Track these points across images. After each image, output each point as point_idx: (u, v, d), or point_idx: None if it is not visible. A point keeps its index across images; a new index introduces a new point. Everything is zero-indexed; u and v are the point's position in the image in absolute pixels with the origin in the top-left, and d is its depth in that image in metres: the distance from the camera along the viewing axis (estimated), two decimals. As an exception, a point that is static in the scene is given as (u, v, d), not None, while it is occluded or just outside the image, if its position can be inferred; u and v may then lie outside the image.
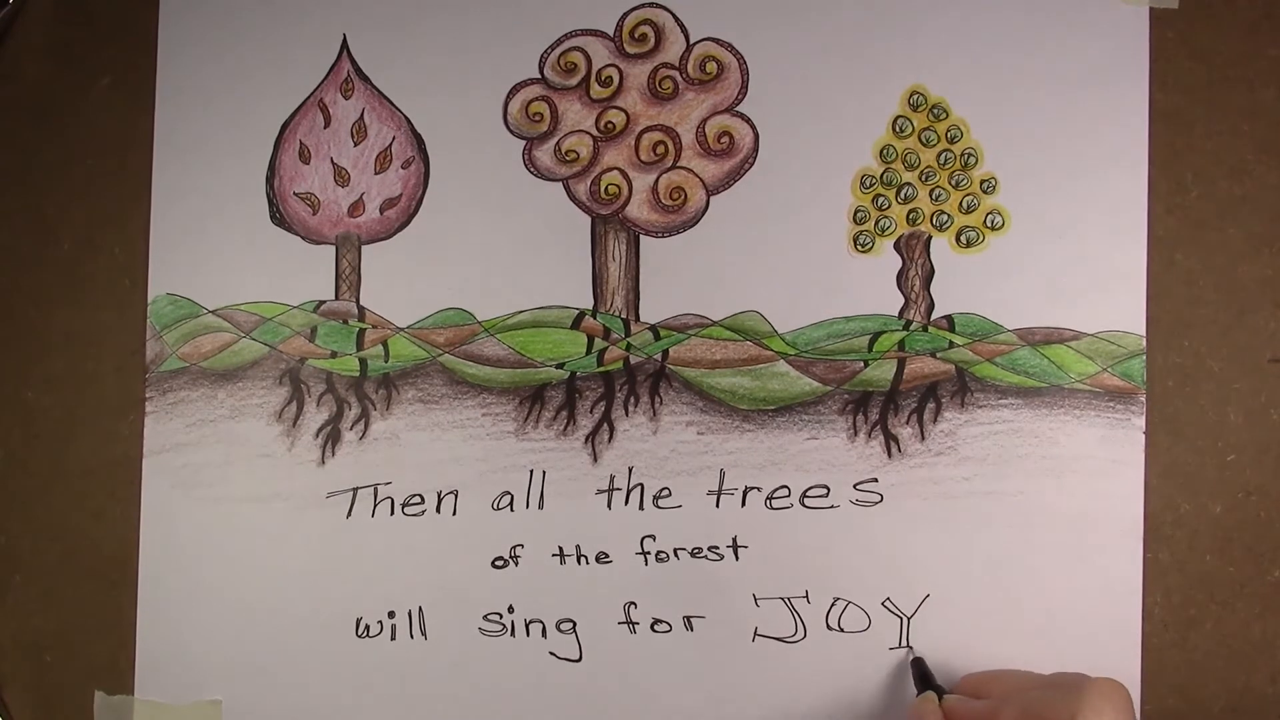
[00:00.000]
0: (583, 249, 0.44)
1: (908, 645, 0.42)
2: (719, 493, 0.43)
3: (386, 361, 0.45)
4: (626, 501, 0.44)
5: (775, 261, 0.43)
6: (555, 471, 0.44)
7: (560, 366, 0.44)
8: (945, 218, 0.43)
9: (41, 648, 0.47)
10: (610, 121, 0.45)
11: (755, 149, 0.44)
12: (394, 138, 0.46)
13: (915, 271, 0.43)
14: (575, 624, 0.44)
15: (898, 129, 0.43)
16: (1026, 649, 0.42)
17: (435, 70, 0.45)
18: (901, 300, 0.43)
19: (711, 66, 0.44)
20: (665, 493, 0.44)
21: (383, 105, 0.46)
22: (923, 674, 0.41)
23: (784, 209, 0.44)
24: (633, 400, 0.44)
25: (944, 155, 0.43)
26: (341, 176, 0.46)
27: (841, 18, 0.44)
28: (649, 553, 0.44)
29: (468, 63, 0.45)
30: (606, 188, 0.44)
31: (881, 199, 0.43)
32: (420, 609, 0.45)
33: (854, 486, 0.43)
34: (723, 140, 0.44)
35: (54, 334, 0.48)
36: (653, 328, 0.44)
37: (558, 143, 0.45)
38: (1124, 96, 0.42)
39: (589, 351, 0.44)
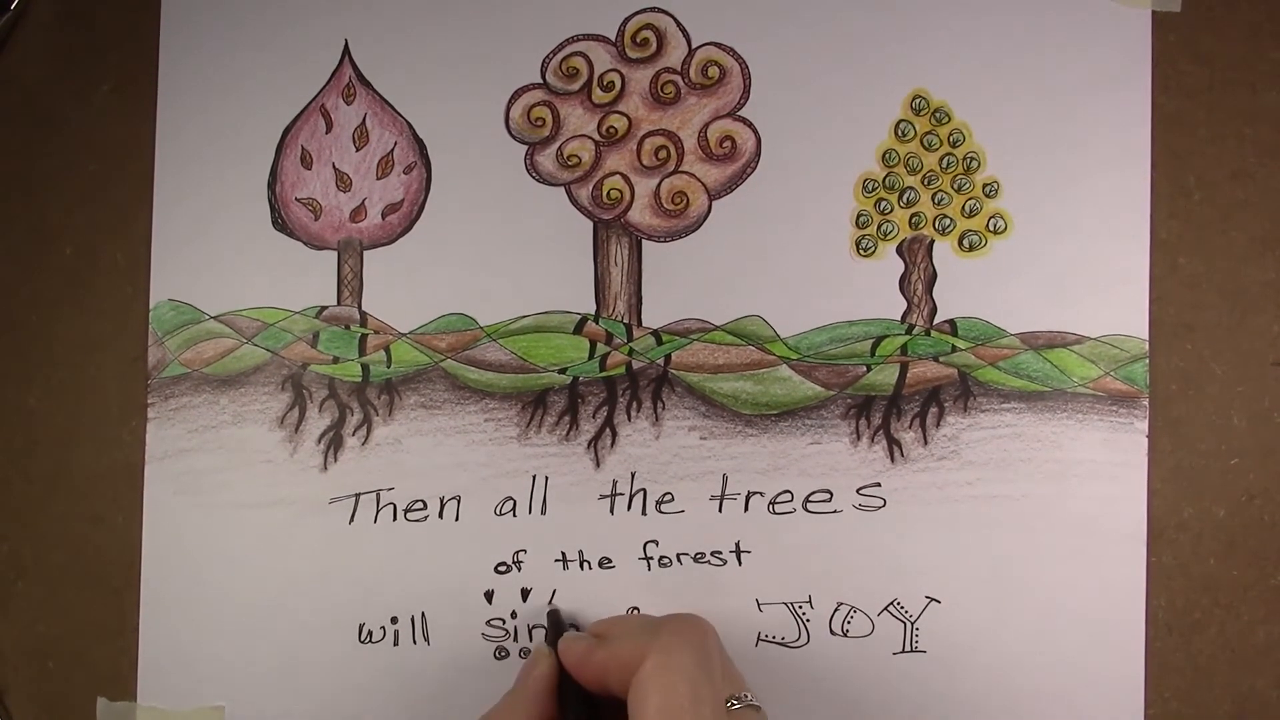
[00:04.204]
0: (585, 254, 0.44)
1: (551, 604, 0.43)
2: (721, 497, 0.43)
3: (389, 367, 0.45)
4: (629, 507, 0.44)
5: (777, 266, 0.43)
6: (558, 477, 0.44)
7: (563, 372, 0.44)
8: (948, 221, 0.43)
9: (44, 654, 0.47)
10: (612, 126, 0.45)
11: (757, 153, 0.44)
12: (396, 143, 0.46)
13: (918, 275, 0.43)
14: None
15: (900, 133, 0.43)
16: (1030, 652, 0.42)
17: (437, 75, 0.45)
18: (904, 304, 0.43)
19: (713, 71, 0.44)
20: (668, 498, 0.44)
21: (384, 110, 0.46)
22: (555, 623, 0.42)
23: (786, 213, 0.44)
24: (635, 405, 0.44)
25: (946, 159, 0.43)
26: (343, 182, 0.46)
27: (843, 22, 0.44)
28: (652, 558, 0.44)
29: (469, 68, 0.45)
30: (608, 192, 0.44)
31: (884, 203, 0.43)
32: (423, 614, 0.45)
33: (857, 491, 0.43)
34: (725, 145, 0.44)
35: (56, 340, 0.48)
36: (655, 332, 0.44)
37: (559, 147, 0.45)
38: (1126, 100, 0.42)
39: (591, 356, 0.44)
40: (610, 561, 0.44)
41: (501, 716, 0.37)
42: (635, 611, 0.43)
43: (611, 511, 0.44)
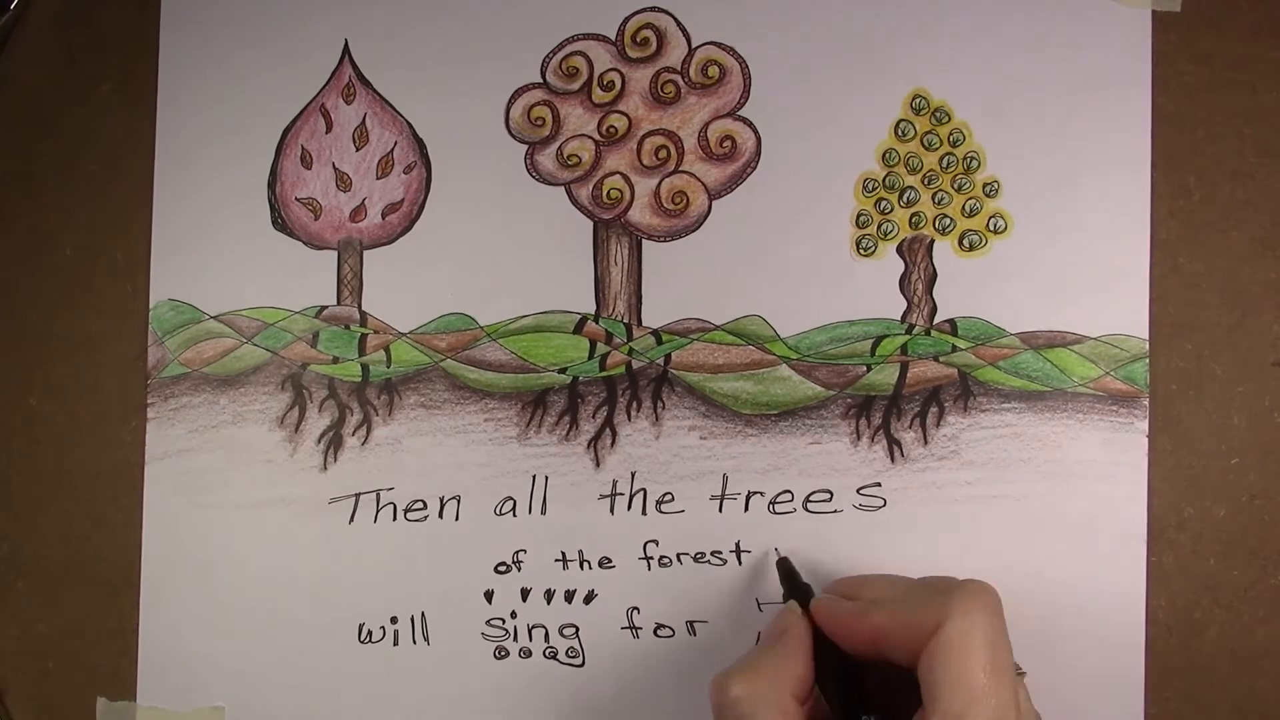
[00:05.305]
0: (585, 253, 0.44)
1: (774, 548, 0.42)
2: (722, 497, 0.43)
3: (388, 367, 0.45)
4: (629, 506, 0.44)
5: (778, 265, 0.43)
6: (558, 477, 0.44)
7: (562, 371, 0.44)
8: (948, 221, 0.43)
9: (44, 654, 0.47)
10: (612, 126, 0.45)
11: (757, 153, 0.44)
12: (396, 143, 0.46)
13: (918, 275, 0.43)
14: (578, 629, 0.44)
15: (900, 132, 0.43)
16: (1029, 652, 0.42)
17: (437, 75, 0.45)
18: (904, 304, 0.43)
19: (713, 70, 0.44)
20: (668, 497, 0.44)
21: (384, 110, 0.46)
22: (789, 574, 0.40)
23: (786, 213, 0.44)
24: (635, 405, 0.44)
25: (946, 159, 0.43)
26: (343, 181, 0.46)
27: (843, 21, 0.44)
28: (652, 558, 0.44)
29: (469, 67, 0.45)
30: (609, 192, 0.44)
31: (884, 203, 0.43)
32: (423, 614, 0.45)
33: (857, 491, 0.43)
34: (725, 144, 0.44)
35: (56, 340, 0.48)
36: (655, 332, 0.44)
37: (559, 147, 0.45)
38: (1126, 99, 0.42)
39: (591, 356, 0.44)
40: (610, 561, 0.44)
41: (761, 672, 0.35)
42: (635, 612, 0.43)
43: (611, 511, 0.44)
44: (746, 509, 0.43)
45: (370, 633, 0.45)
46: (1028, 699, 0.35)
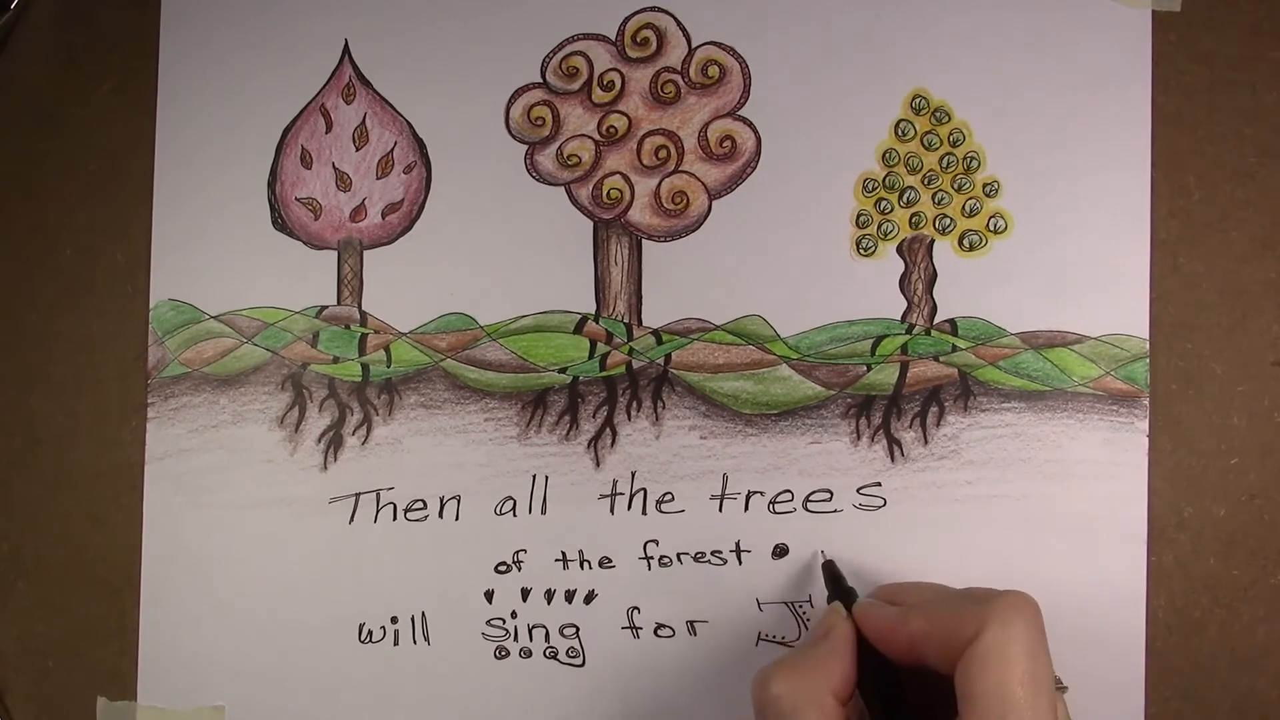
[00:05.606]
0: (585, 253, 0.44)
1: (820, 551, 0.42)
2: (722, 497, 0.43)
3: (389, 367, 0.45)
4: (629, 506, 0.44)
5: (778, 265, 0.43)
6: (558, 476, 0.44)
7: (563, 371, 0.44)
8: (948, 221, 0.43)
9: (44, 654, 0.47)
10: (612, 126, 0.45)
11: (757, 153, 0.44)
12: (396, 142, 0.46)
13: (918, 275, 0.43)
14: (578, 629, 0.44)
15: (900, 132, 0.43)
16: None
17: (437, 75, 0.45)
18: (904, 304, 0.43)
19: (713, 70, 0.44)
20: (668, 497, 0.44)
21: (384, 110, 0.46)
22: (834, 576, 0.41)
23: (786, 213, 0.44)
24: (635, 405, 0.44)
25: (946, 158, 0.43)
26: (343, 181, 0.46)
27: (843, 21, 0.44)
28: (652, 558, 0.44)
29: (469, 67, 0.45)
30: (609, 192, 0.44)
31: (884, 203, 0.43)
32: (423, 614, 0.45)
33: (857, 491, 0.43)
34: (725, 144, 0.44)
35: (56, 340, 0.48)
36: (655, 332, 0.44)
37: (559, 147, 0.45)
38: (1126, 99, 0.42)
39: (591, 356, 0.44)
40: (610, 561, 0.44)
41: (804, 670, 0.34)
42: (635, 611, 0.43)
43: (611, 511, 0.44)
44: (746, 509, 0.43)
45: (370, 633, 0.45)
46: (1067, 715, 0.34)
